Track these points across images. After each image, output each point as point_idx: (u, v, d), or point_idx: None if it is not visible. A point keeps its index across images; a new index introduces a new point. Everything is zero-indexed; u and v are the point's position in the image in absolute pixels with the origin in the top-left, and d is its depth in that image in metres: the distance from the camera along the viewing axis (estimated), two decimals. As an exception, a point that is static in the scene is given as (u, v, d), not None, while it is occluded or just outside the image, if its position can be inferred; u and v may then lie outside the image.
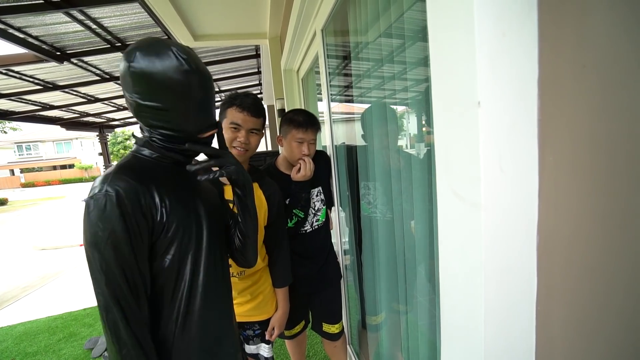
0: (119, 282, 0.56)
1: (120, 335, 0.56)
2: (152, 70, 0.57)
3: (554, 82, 0.35)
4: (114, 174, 0.58)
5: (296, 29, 1.69)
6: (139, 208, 0.58)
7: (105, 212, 0.55)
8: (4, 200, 16.82)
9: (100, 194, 0.56)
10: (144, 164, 0.65)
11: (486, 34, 0.34)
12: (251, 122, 1.03)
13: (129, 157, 0.65)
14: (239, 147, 1.04)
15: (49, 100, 4.44)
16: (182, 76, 0.58)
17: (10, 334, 2.91)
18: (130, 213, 0.57)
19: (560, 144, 0.36)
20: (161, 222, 0.61)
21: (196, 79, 0.60)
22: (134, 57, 0.57)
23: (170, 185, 0.65)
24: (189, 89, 0.59)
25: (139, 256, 0.59)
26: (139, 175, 0.61)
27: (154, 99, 0.59)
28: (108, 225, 0.55)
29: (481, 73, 0.35)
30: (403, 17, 0.83)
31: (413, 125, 1.10)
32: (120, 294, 0.56)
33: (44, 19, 2.31)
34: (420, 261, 0.91)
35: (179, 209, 0.64)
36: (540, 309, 0.38)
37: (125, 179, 0.58)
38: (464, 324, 0.42)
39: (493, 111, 0.35)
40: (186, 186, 0.69)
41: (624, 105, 0.31)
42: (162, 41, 0.59)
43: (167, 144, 0.66)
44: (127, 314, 0.56)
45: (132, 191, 0.58)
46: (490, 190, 0.36)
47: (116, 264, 0.56)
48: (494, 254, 0.37)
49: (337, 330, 1.47)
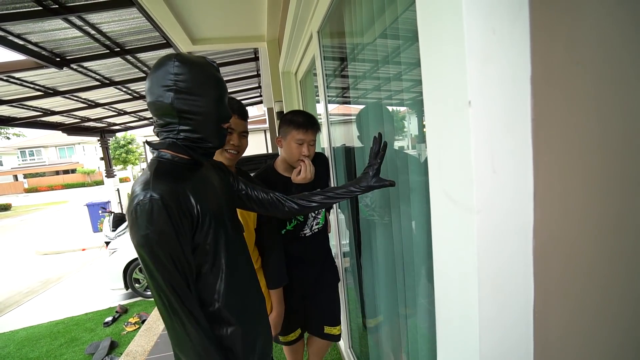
0: (174, 274, 0.65)
1: (177, 312, 0.66)
2: (193, 68, 0.69)
3: (547, 80, 0.34)
4: (153, 179, 0.66)
5: (293, 31, 1.68)
6: (180, 208, 0.66)
7: (153, 216, 0.62)
8: (7, 205, 16.91)
9: (146, 199, 0.62)
10: (172, 167, 0.72)
11: (476, 31, 0.33)
12: (241, 125, 1.06)
13: (156, 164, 0.72)
14: (232, 150, 1.05)
15: (50, 105, 4.46)
16: (215, 71, 0.73)
17: (12, 340, 2.92)
18: (175, 213, 0.64)
19: (555, 144, 0.35)
20: (198, 217, 0.70)
21: (219, 75, 0.75)
22: (174, 60, 0.69)
23: (196, 183, 0.73)
24: (218, 81, 0.73)
25: (185, 249, 0.67)
26: (173, 178, 0.69)
27: (194, 92, 0.69)
28: (157, 227, 0.62)
29: (471, 71, 0.34)
30: (398, 18, 0.82)
31: (410, 127, 1.09)
32: (175, 282, 0.65)
33: (43, 25, 2.32)
34: (419, 263, 0.90)
35: (207, 202, 0.73)
36: (537, 314, 0.37)
37: (165, 183, 0.66)
38: (459, 330, 0.41)
39: (484, 111, 0.34)
40: (206, 182, 0.78)
41: (620, 103, 0.30)
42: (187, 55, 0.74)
43: (191, 143, 0.73)
44: (182, 297, 0.66)
45: (173, 193, 0.65)
46: (483, 193, 0.35)
47: (169, 259, 0.64)
48: (489, 258, 0.36)
49: (339, 332, 1.46)
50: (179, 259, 0.66)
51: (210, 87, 0.72)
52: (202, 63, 0.72)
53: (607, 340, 0.34)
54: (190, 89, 0.69)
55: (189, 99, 0.69)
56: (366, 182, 0.90)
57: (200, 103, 0.70)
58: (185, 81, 0.68)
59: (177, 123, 0.71)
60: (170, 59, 0.69)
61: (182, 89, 0.68)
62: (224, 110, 0.76)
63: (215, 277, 0.76)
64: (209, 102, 0.71)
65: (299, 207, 0.96)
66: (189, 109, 0.70)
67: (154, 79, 0.69)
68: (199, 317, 0.69)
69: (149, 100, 0.71)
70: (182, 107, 0.69)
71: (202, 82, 0.70)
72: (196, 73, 0.70)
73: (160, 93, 0.69)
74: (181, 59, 0.70)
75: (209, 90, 0.71)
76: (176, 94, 0.68)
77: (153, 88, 0.69)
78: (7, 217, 14.07)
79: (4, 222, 12.34)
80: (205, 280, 0.75)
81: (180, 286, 0.66)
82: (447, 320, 0.44)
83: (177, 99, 0.69)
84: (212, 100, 0.72)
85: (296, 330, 1.43)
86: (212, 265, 0.75)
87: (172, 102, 0.69)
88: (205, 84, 0.71)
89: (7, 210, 16.45)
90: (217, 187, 0.81)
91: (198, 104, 0.70)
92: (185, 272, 0.68)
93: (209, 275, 0.75)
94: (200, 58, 0.73)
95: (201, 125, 0.72)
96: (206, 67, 0.72)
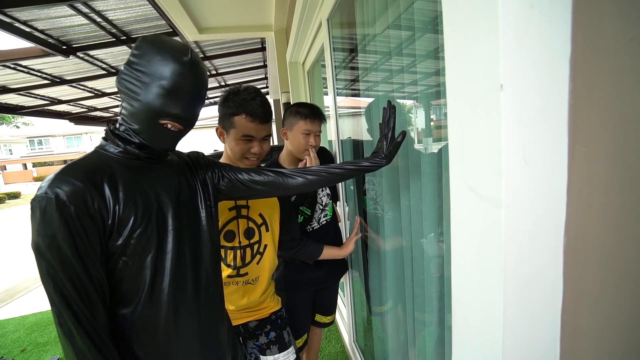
0: (67, 287, 0.53)
1: (75, 342, 0.54)
2: (152, 47, 0.59)
3: (589, 60, 0.31)
4: (57, 174, 0.56)
5: (301, 19, 1.64)
6: (84, 209, 0.55)
7: (45, 216, 0.53)
8: (17, 193, 17.24)
9: (41, 196, 0.53)
10: (103, 161, 0.62)
11: (512, 5, 0.30)
12: (264, 130, 0.95)
13: (88, 154, 0.63)
14: (252, 157, 0.96)
15: (56, 94, 4.48)
16: (182, 61, 0.59)
17: (22, 324, 2.98)
18: (74, 216, 0.54)
19: (594, 133, 0.32)
20: (113, 223, 0.59)
21: (189, 68, 0.61)
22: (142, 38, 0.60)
23: (129, 184, 0.62)
24: (176, 71, 0.59)
25: (86, 259, 0.56)
26: (89, 174, 0.58)
27: (139, 69, 0.59)
28: (48, 230, 0.53)
29: (505, 51, 0.30)
30: (413, 6, 0.78)
31: (421, 120, 1.05)
32: (70, 298, 0.54)
33: (49, 12, 2.30)
34: (427, 257, 0.87)
35: (135, 209, 0.61)
36: (566, 319, 0.34)
37: (69, 180, 0.55)
38: (478, 331, 0.38)
39: (518, 95, 0.31)
40: (152, 186, 0.66)
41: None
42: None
43: (126, 134, 0.63)
44: (80, 319, 0.54)
45: (75, 193, 0.54)
46: (512, 185, 0.32)
47: (61, 269, 0.53)
48: (516, 256, 0.33)
49: (329, 320, 1.50)
50: (74, 270, 0.54)
51: (159, 71, 0.58)
52: (168, 45, 0.59)
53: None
54: (136, 67, 0.59)
55: (132, 75, 0.59)
56: (383, 152, 0.85)
57: (140, 84, 0.59)
58: (136, 56, 0.59)
59: (120, 104, 0.63)
60: (143, 38, 0.61)
61: (129, 67, 0.59)
62: (166, 105, 0.60)
63: (129, 301, 0.63)
64: (149, 85, 0.58)
65: (306, 181, 0.86)
66: (128, 86, 0.59)
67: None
68: (106, 352, 0.56)
69: None
70: (123, 84, 0.60)
71: (151, 63, 0.58)
72: (152, 52, 0.58)
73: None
74: (151, 38, 0.60)
75: (155, 73, 0.58)
76: (124, 69, 0.60)
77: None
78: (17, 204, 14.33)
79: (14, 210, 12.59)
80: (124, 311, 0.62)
81: (78, 305, 0.54)
82: (465, 320, 0.41)
83: (122, 75, 0.60)
84: (153, 85, 0.58)
85: (303, 335, 1.41)
86: (132, 294, 0.62)
87: (119, 78, 0.61)
88: (154, 65, 0.58)
89: (17, 198, 16.77)
90: (168, 188, 0.68)
91: (137, 83, 0.59)
92: (85, 287, 0.55)
93: (130, 305, 0.63)
94: (176, 42, 0.61)
95: (138, 113, 0.60)
96: (170, 49, 0.59)
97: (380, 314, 1.31)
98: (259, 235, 1.06)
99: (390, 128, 0.86)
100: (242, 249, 1.04)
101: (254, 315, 1.11)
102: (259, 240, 1.06)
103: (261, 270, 1.07)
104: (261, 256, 1.07)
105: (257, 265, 1.06)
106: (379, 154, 0.87)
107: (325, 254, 1.22)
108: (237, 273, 1.04)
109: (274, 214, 1.10)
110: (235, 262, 1.03)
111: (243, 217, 1.04)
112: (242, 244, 1.04)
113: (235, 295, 1.05)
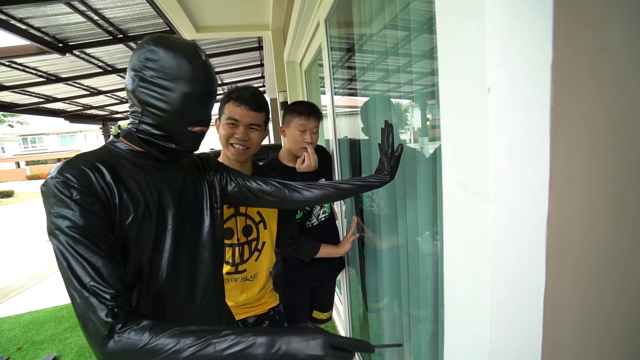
0: (80, 266, 0.52)
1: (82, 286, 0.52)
2: (166, 55, 0.59)
3: (568, 66, 0.33)
4: (65, 161, 0.57)
5: (299, 19, 1.66)
6: (91, 190, 0.56)
7: (55, 197, 0.54)
8: (10, 192, 17.02)
9: (51, 180, 0.55)
10: (112, 155, 0.63)
11: (498, 15, 0.32)
12: (250, 117, 0.95)
13: (97, 148, 0.65)
14: (237, 144, 0.96)
15: (52, 92, 4.44)
16: (197, 65, 0.61)
17: (18, 323, 2.97)
18: (83, 194, 0.54)
19: (573, 133, 0.35)
20: (115, 207, 0.59)
21: (204, 70, 0.63)
22: (150, 43, 0.60)
23: (134, 181, 0.62)
24: (196, 76, 0.61)
25: (99, 236, 0.55)
26: (95, 163, 0.59)
27: (159, 84, 0.60)
28: (60, 210, 0.53)
29: (492, 57, 0.33)
30: (409, 7, 0.80)
31: (416, 119, 1.07)
32: (85, 279, 0.52)
33: (45, 9, 2.29)
34: (423, 256, 0.90)
35: (136, 205, 0.61)
36: (548, 305, 0.37)
37: (76, 165, 0.57)
38: (469, 320, 0.41)
39: (504, 98, 0.34)
40: (157, 184, 0.66)
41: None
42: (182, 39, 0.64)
43: (151, 137, 0.64)
44: (98, 293, 0.52)
45: (82, 174, 0.56)
46: (499, 181, 0.35)
47: (74, 245, 0.53)
48: (503, 247, 0.36)
49: (326, 316, 1.53)
50: (88, 248, 0.53)
51: (182, 81, 0.60)
52: (181, 51, 0.60)
53: (621, 335, 0.34)
54: (156, 80, 0.59)
55: (153, 90, 0.60)
56: (385, 169, 0.88)
57: (165, 98, 0.60)
58: (152, 69, 0.59)
59: (140, 113, 0.63)
60: (148, 41, 0.60)
61: (147, 78, 0.59)
62: (196, 112, 0.63)
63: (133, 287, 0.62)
64: (176, 98, 0.60)
65: (312, 195, 0.87)
66: (151, 102, 0.60)
67: (131, 59, 0.62)
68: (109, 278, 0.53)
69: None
70: (144, 98, 0.61)
71: (172, 74, 0.59)
72: (168, 62, 0.59)
73: (129, 77, 0.61)
74: (158, 42, 0.60)
75: (178, 84, 0.60)
76: (140, 81, 0.60)
77: (129, 69, 0.62)
78: (10, 203, 14.17)
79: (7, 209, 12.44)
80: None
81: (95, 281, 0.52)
82: (455, 310, 0.44)
83: (139, 88, 0.60)
84: (180, 97, 0.60)
85: None
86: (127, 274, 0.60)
87: (134, 90, 0.61)
88: (176, 76, 0.59)
89: (10, 197, 16.56)
90: (172, 187, 0.69)
91: (162, 98, 0.60)
92: (95, 266, 0.53)
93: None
94: (185, 45, 0.62)
95: (166, 123, 0.62)
96: (185, 57, 0.60)
97: (377, 310, 1.34)
98: (257, 232, 1.08)
99: (389, 145, 0.89)
100: (241, 246, 1.06)
101: (252, 311, 1.13)
102: (257, 238, 1.08)
103: (259, 267, 1.09)
104: (259, 253, 1.09)
105: (256, 262, 1.08)
106: (381, 171, 0.90)
107: (323, 252, 1.24)
108: (236, 270, 1.06)
109: (272, 212, 1.12)
110: (233, 259, 1.05)
111: (241, 214, 1.06)
112: (241, 241, 1.06)
113: (234, 291, 1.07)
